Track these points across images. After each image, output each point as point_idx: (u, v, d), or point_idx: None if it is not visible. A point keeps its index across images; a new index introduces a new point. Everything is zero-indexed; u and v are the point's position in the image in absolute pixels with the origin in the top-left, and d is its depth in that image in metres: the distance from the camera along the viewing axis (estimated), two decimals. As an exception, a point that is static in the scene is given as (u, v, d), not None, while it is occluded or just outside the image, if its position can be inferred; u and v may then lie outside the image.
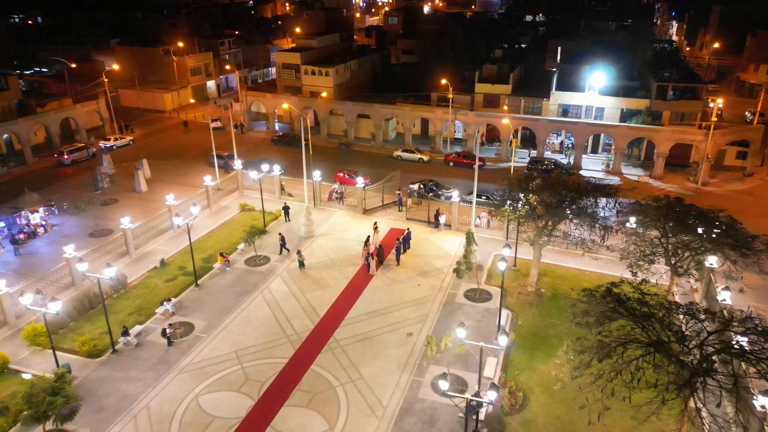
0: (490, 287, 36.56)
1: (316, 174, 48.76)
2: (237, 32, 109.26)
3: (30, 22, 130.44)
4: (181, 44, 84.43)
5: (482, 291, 35.98)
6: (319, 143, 68.92)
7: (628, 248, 31.16)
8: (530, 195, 34.11)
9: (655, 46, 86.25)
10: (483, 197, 48.19)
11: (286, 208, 46.56)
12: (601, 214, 32.77)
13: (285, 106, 70.94)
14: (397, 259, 39.42)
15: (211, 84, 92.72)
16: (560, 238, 35.58)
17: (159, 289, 36.67)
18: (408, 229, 41.96)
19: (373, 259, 38.02)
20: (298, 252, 39.28)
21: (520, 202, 34.84)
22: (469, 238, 34.95)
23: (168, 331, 30.71)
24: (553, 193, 33.08)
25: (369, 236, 40.64)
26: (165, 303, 33.65)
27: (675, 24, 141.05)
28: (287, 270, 38.84)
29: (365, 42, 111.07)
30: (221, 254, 39.07)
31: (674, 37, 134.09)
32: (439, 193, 50.37)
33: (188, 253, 40.24)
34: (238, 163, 50.87)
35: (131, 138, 68.93)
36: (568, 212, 32.39)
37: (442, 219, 44.42)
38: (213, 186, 48.87)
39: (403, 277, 37.91)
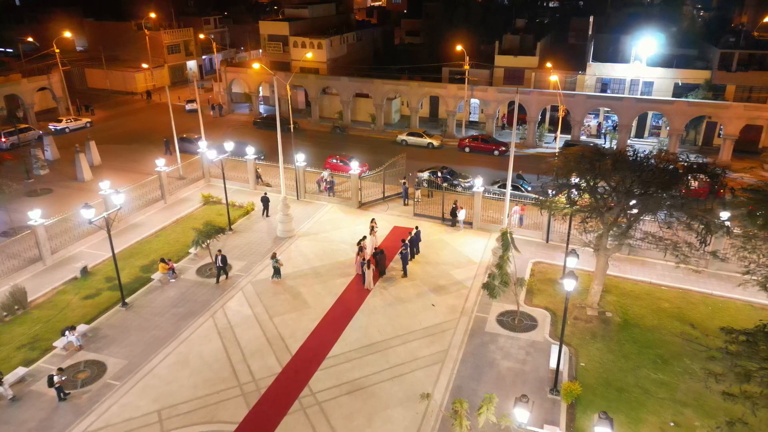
0: (533, 309, 26.12)
1: (300, 158, 38.39)
2: (225, 12, 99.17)
3: None
4: (153, 15, 73.98)
5: (523, 315, 25.56)
6: (310, 127, 58.63)
7: (752, 257, 20.62)
8: (596, 179, 23.67)
9: (704, 14, 75.47)
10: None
11: (264, 200, 36.26)
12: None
13: (256, 67, 60.51)
14: (404, 268, 29.04)
15: (192, 64, 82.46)
16: (637, 240, 24.98)
17: (71, 310, 26.34)
18: (416, 227, 31.54)
19: (369, 268, 27.62)
20: (273, 256, 29.01)
21: (578, 190, 24.48)
22: (506, 242, 24.48)
23: (56, 378, 20.35)
24: (634, 176, 22.62)
25: (365, 237, 30.29)
26: (68, 333, 23.32)
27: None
28: (253, 282, 28.47)
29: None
30: (163, 261, 28.70)
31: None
32: (455, 182, 39.95)
33: (125, 258, 30.14)
34: (203, 145, 40.46)
35: (89, 120, 58.73)
36: (665, 202, 21.85)
37: (461, 215, 34.01)
38: (168, 172, 38.54)
39: (411, 293, 27.52)
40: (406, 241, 29.55)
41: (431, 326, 24.92)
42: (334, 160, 44.08)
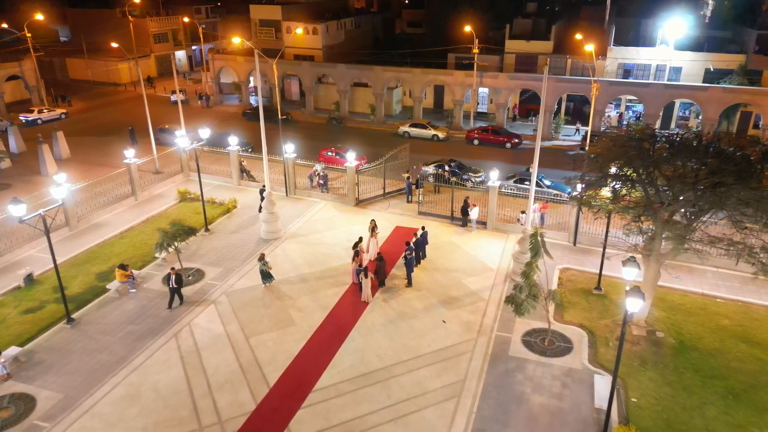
0: (565, 327, 21.53)
1: (289, 149, 33.82)
2: (218, 2, 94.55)
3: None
4: (137, 0, 69.31)
5: (554, 335, 20.96)
6: (304, 118, 54.03)
7: None
8: (649, 168, 19.07)
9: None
10: (526, 182, 33.29)
11: (263, 192, 31.78)
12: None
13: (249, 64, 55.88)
14: (408, 276, 24.43)
15: (181, 55, 77.82)
16: (697, 242, 20.34)
17: (6, 327, 21.74)
18: (423, 228, 26.92)
19: (367, 277, 23.02)
20: (262, 257, 24.48)
21: (626, 182, 19.92)
22: (536, 245, 19.80)
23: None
24: (698, 164, 18.05)
25: (361, 239, 25.70)
26: (-8, 358, 18.78)
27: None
28: (229, 293, 23.88)
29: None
30: (122, 267, 24.09)
31: None
32: (465, 177, 35.36)
33: (80, 264, 25.69)
34: (181, 135, 35.70)
35: (63, 111, 54.08)
36: (740, 196, 17.22)
37: (474, 213, 29.41)
38: (139, 165, 33.97)
39: (418, 307, 22.93)
40: (412, 244, 24.97)
41: (443, 349, 20.33)
42: (329, 153, 39.53)
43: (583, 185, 20.65)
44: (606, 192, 20.60)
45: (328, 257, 26.83)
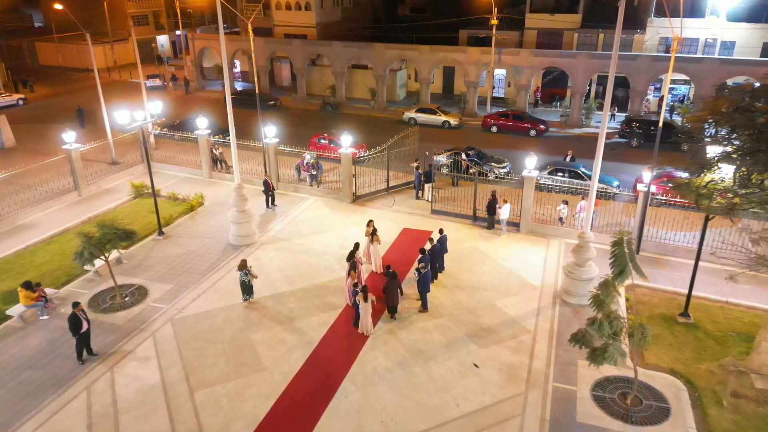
0: (650, 373, 14.95)
1: (270, 132, 27.30)
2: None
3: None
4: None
5: (639, 387, 14.38)
6: (295, 104, 47.52)
7: None
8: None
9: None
10: (562, 174, 27.03)
11: (265, 183, 25.36)
12: None
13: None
14: (422, 297, 17.84)
15: (164, 40, 71.31)
16: None
17: None
18: (441, 231, 20.34)
19: (367, 300, 16.42)
20: (243, 265, 18.03)
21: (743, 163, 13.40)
22: (623, 260, 13.09)
23: None
24: None
25: (357, 246, 19.14)
26: None
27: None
28: (176, 321, 17.34)
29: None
30: (28, 286, 17.49)
31: None
32: (486, 167, 28.81)
33: (-30, 280, 19.08)
34: (137, 117, 28.96)
35: (21, 97, 47.64)
36: None
37: (504, 212, 22.79)
38: (83, 152, 27.43)
39: (437, 342, 16.36)
40: (426, 251, 18.44)
41: (478, 411, 13.80)
42: (323, 140, 33.00)
43: (695, 169, 14.00)
44: (717, 178, 14.05)
45: (315, 270, 20.31)
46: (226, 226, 23.22)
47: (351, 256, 18.33)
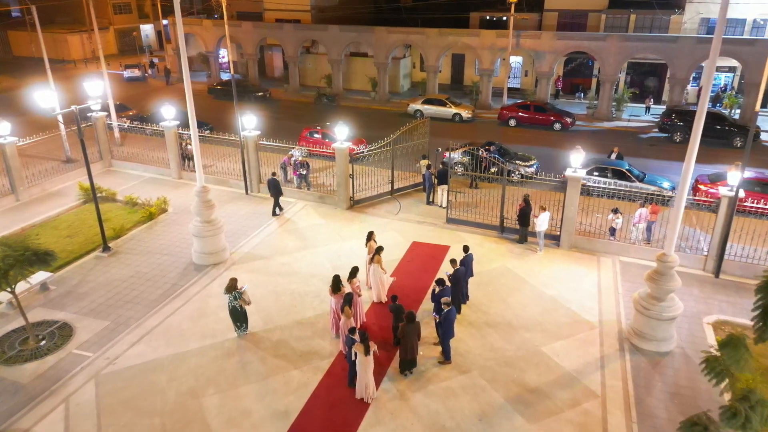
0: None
1: (249, 123, 22.42)
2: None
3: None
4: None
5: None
6: (287, 96, 42.69)
7: None
8: None
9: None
10: (601, 174, 22.28)
11: (273, 185, 20.48)
12: None
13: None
14: (444, 343, 12.96)
15: (148, 30, 66.43)
16: None
17: None
18: (466, 249, 15.41)
19: (369, 353, 11.54)
20: (232, 287, 13.46)
21: None
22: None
23: None
24: None
25: (356, 271, 14.28)
26: None
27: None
28: (103, 378, 12.51)
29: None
30: None
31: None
32: (511, 166, 23.90)
33: None
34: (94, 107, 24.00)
35: (-20, 88, 42.82)
36: None
37: (542, 222, 17.89)
38: (22, 147, 22.61)
39: (468, 412, 11.50)
40: (449, 278, 13.64)
41: None
42: (315, 134, 28.18)
43: None
44: None
45: (299, 300, 15.48)
46: (190, 239, 18.37)
47: (337, 286, 13.50)
